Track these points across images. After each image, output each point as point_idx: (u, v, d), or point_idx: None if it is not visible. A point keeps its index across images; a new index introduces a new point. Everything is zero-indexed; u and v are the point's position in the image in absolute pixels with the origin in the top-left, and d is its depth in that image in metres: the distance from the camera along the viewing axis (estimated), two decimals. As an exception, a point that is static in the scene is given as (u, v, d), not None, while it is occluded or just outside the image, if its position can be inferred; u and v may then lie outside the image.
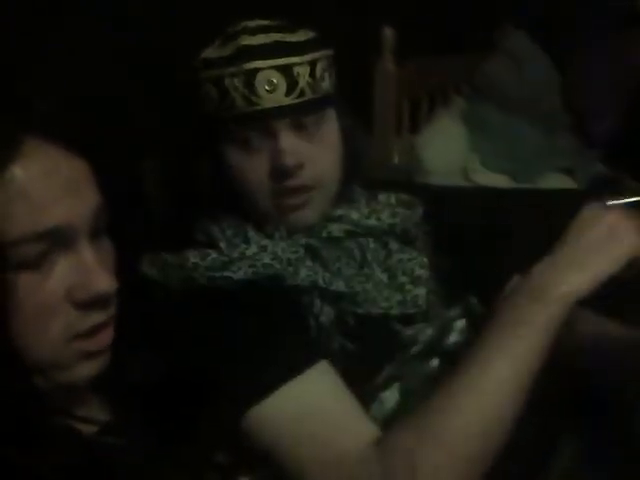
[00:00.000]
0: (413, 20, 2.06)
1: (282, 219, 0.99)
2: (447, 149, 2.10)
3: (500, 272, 1.11)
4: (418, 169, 2.03)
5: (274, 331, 0.91)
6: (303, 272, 0.97)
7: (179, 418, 0.77)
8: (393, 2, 2.03)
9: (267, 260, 0.96)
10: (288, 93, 0.94)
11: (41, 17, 1.38)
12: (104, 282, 0.67)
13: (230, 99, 0.94)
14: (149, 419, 0.75)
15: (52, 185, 0.65)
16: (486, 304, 1.03)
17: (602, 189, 1.86)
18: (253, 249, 0.97)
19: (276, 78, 0.93)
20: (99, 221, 0.70)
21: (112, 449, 0.69)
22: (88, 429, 0.70)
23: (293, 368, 0.88)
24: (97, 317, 0.68)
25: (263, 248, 0.98)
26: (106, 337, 0.70)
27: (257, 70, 0.93)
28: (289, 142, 0.95)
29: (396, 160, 2.08)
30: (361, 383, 0.94)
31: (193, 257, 0.96)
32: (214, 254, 0.97)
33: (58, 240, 0.66)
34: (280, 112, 0.94)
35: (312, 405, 0.87)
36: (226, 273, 0.95)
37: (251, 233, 0.99)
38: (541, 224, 1.54)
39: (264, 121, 0.94)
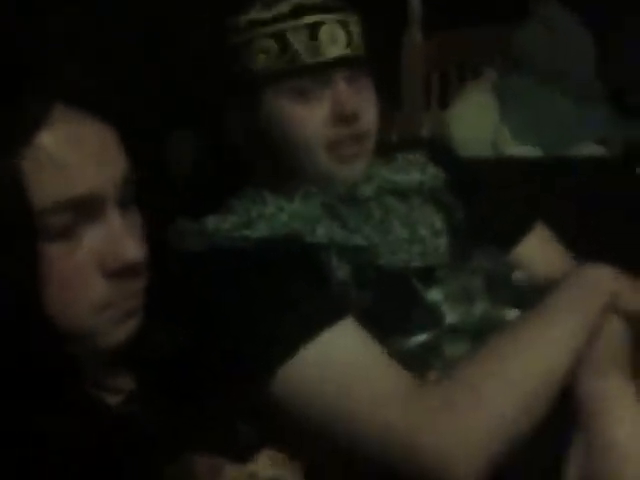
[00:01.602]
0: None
1: (336, 170, 1.02)
2: (478, 122, 2.08)
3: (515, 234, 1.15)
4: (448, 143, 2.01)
5: (295, 288, 0.92)
6: (320, 230, 0.99)
7: (203, 386, 0.77)
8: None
9: (284, 219, 0.99)
10: (347, 45, 1.00)
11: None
12: (133, 250, 0.67)
13: (292, 51, 0.98)
14: (173, 388, 0.75)
15: (81, 152, 0.66)
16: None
17: (635, 158, 1.84)
18: (270, 209, 1.00)
19: (338, 31, 1.00)
20: (127, 189, 0.69)
21: (136, 418, 0.70)
22: (114, 399, 0.71)
23: (320, 322, 0.88)
24: (128, 287, 0.68)
25: (280, 208, 1.00)
26: (137, 300, 0.70)
27: (321, 23, 0.99)
28: (347, 91, 1.00)
29: (425, 134, 2.05)
30: (384, 337, 0.94)
31: (212, 222, 0.98)
32: (233, 217, 0.99)
33: (87, 208, 0.66)
34: (342, 62, 1.00)
35: (348, 355, 0.88)
36: (245, 232, 0.97)
37: (268, 196, 1.02)
38: (572, 192, 1.53)
39: (327, 71, 1.00)
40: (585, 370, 0.93)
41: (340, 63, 1.00)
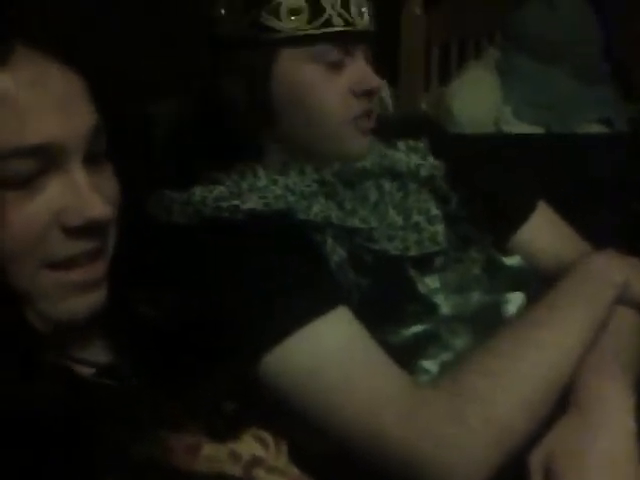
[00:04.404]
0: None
1: (354, 141, 0.98)
2: (479, 100, 2.03)
3: (518, 216, 1.11)
4: (448, 120, 1.96)
5: (289, 268, 0.87)
6: (316, 207, 0.94)
7: (186, 362, 0.73)
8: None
9: (279, 192, 0.93)
10: (370, 20, 0.98)
11: None
12: (97, 208, 0.63)
13: (326, 17, 0.94)
14: (154, 362, 0.71)
15: (42, 98, 0.62)
16: (501, 248, 1.06)
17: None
18: (263, 182, 0.95)
19: (363, 3, 0.97)
20: (95, 144, 0.65)
21: (110, 391, 0.66)
22: (87, 371, 0.66)
23: (314, 308, 0.84)
24: (83, 245, 0.64)
25: (274, 181, 0.95)
26: (94, 270, 0.65)
27: None
28: (368, 65, 0.98)
29: (423, 110, 2.00)
30: (379, 325, 0.89)
31: (200, 191, 0.93)
32: (221, 188, 0.94)
33: (48, 159, 0.62)
34: (366, 36, 0.98)
35: (342, 347, 0.83)
36: (234, 202, 0.91)
37: (260, 170, 0.96)
38: (576, 169, 1.48)
39: (355, 42, 0.96)
40: (587, 366, 0.89)
41: (365, 36, 0.97)
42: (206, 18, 0.97)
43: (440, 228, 1.00)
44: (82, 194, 0.63)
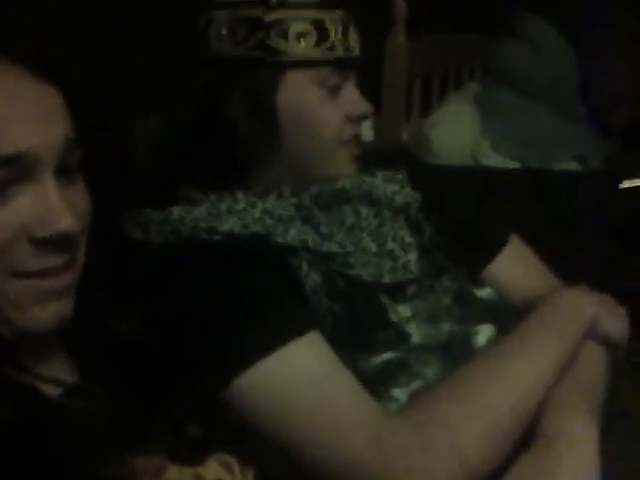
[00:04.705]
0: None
1: (342, 165, 1.00)
2: (458, 132, 2.06)
3: (491, 248, 1.12)
4: (427, 151, 1.98)
5: (262, 292, 0.87)
6: (293, 231, 0.94)
7: (153, 383, 0.73)
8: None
9: (257, 215, 0.94)
10: (360, 48, 0.99)
11: None
12: (65, 220, 0.62)
13: (330, 42, 0.95)
14: (121, 382, 0.71)
15: (18, 109, 0.62)
16: (474, 279, 1.07)
17: (615, 170, 1.83)
18: (242, 204, 0.95)
19: (355, 31, 0.98)
20: (69, 157, 0.65)
21: (74, 412, 0.65)
22: (53, 390, 0.66)
23: (285, 333, 0.83)
24: (52, 260, 0.64)
25: (252, 204, 0.95)
26: (62, 280, 0.65)
27: (349, 21, 0.98)
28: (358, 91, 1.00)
29: (404, 139, 2.02)
30: (350, 352, 0.89)
31: (178, 211, 0.93)
32: (200, 209, 0.94)
33: (20, 169, 0.62)
34: (359, 63, 1.00)
35: (308, 374, 0.83)
36: (212, 224, 0.91)
37: (239, 193, 0.96)
38: (550, 204, 1.50)
39: (352, 67, 0.98)
40: (553, 400, 0.90)
41: (359, 63, 0.99)
42: (199, 35, 0.97)
43: (413, 256, 1.01)
44: (51, 206, 0.62)
